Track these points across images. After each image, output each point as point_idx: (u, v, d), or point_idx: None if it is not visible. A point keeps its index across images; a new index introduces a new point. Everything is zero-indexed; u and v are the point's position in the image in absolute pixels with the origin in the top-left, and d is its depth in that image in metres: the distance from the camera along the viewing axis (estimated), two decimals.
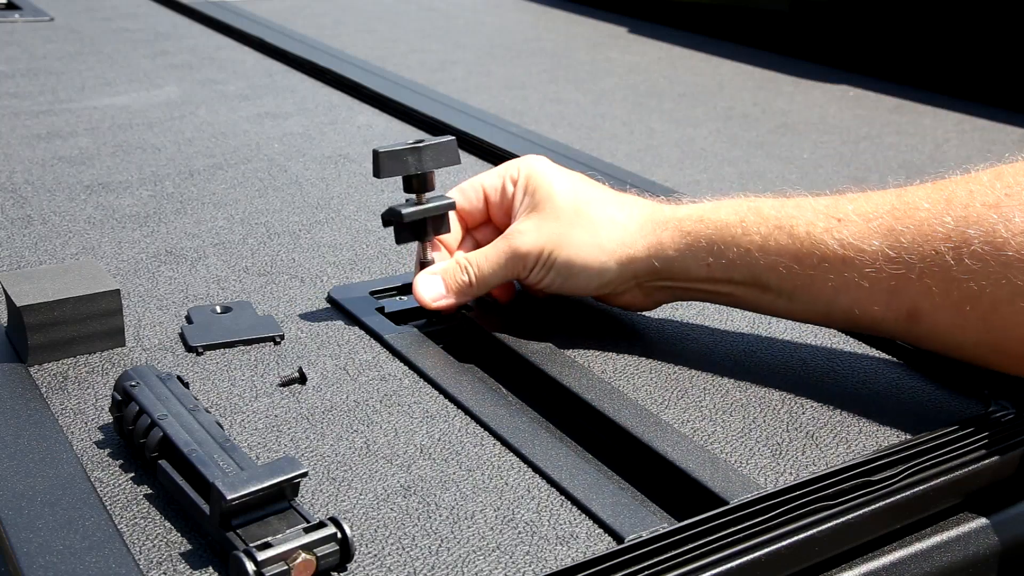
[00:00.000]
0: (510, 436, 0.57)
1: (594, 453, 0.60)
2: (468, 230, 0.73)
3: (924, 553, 0.54)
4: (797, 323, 0.73)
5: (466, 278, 0.68)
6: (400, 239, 0.70)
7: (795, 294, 0.63)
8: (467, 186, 0.72)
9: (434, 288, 0.68)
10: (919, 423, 0.61)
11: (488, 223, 0.73)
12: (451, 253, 0.72)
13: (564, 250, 0.66)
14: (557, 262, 0.66)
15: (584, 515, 0.52)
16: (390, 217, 0.69)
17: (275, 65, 1.44)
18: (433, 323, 0.72)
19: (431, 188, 0.70)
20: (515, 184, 0.69)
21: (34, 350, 0.63)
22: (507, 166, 0.71)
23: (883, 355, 0.69)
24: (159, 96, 1.26)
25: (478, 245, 0.71)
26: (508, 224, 0.70)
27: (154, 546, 0.48)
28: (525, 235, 0.66)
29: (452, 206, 0.70)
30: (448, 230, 0.71)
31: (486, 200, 0.71)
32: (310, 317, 0.71)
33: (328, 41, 1.58)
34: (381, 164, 0.68)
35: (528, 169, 0.69)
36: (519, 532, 0.50)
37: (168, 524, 0.50)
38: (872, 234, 0.60)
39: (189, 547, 0.49)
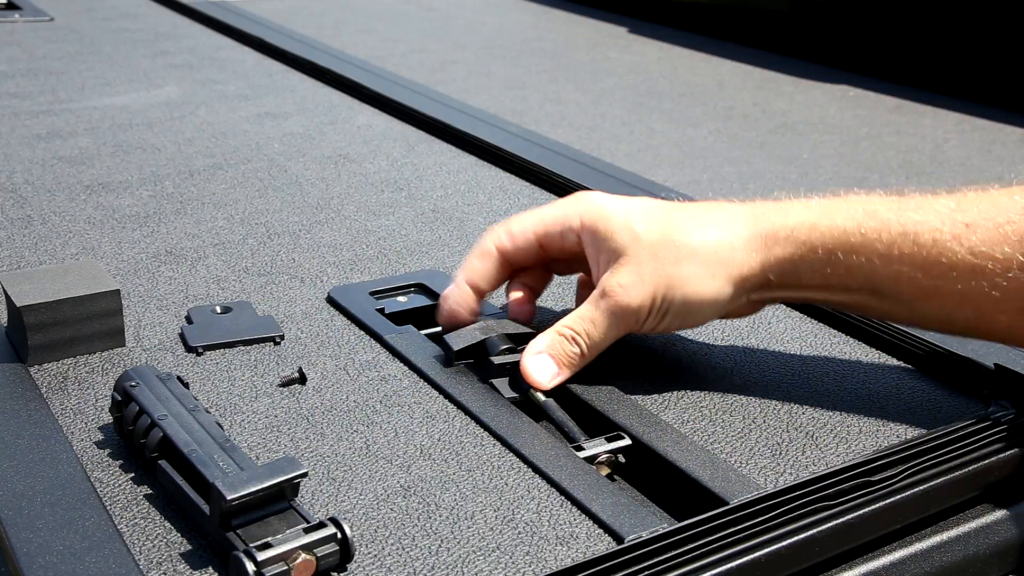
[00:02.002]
0: (510, 436, 0.57)
1: None
2: (516, 273, 0.69)
3: (924, 553, 0.54)
4: (797, 324, 0.73)
5: (577, 349, 0.63)
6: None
7: (916, 303, 0.60)
8: (516, 231, 0.66)
9: (547, 368, 0.63)
10: (919, 423, 0.61)
11: (537, 267, 0.69)
12: (481, 298, 0.68)
13: (678, 290, 0.61)
14: (673, 305, 0.61)
15: (584, 515, 0.52)
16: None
17: (275, 65, 1.44)
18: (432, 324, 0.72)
19: None
20: (577, 233, 0.64)
21: (34, 350, 0.63)
22: (560, 211, 0.65)
23: (883, 355, 0.69)
24: (159, 96, 1.26)
25: (530, 289, 0.69)
26: (570, 272, 0.69)
27: (154, 546, 0.48)
28: (629, 289, 0.61)
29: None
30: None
31: (540, 248, 0.66)
32: (310, 317, 0.71)
33: (328, 41, 1.58)
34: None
35: (589, 213, 0.64)
36: (519, 532, 0.50)
37: (168, 524, 0.50)
38: (1004, 240, 0.57)
39: (189, 547, 0.49)
